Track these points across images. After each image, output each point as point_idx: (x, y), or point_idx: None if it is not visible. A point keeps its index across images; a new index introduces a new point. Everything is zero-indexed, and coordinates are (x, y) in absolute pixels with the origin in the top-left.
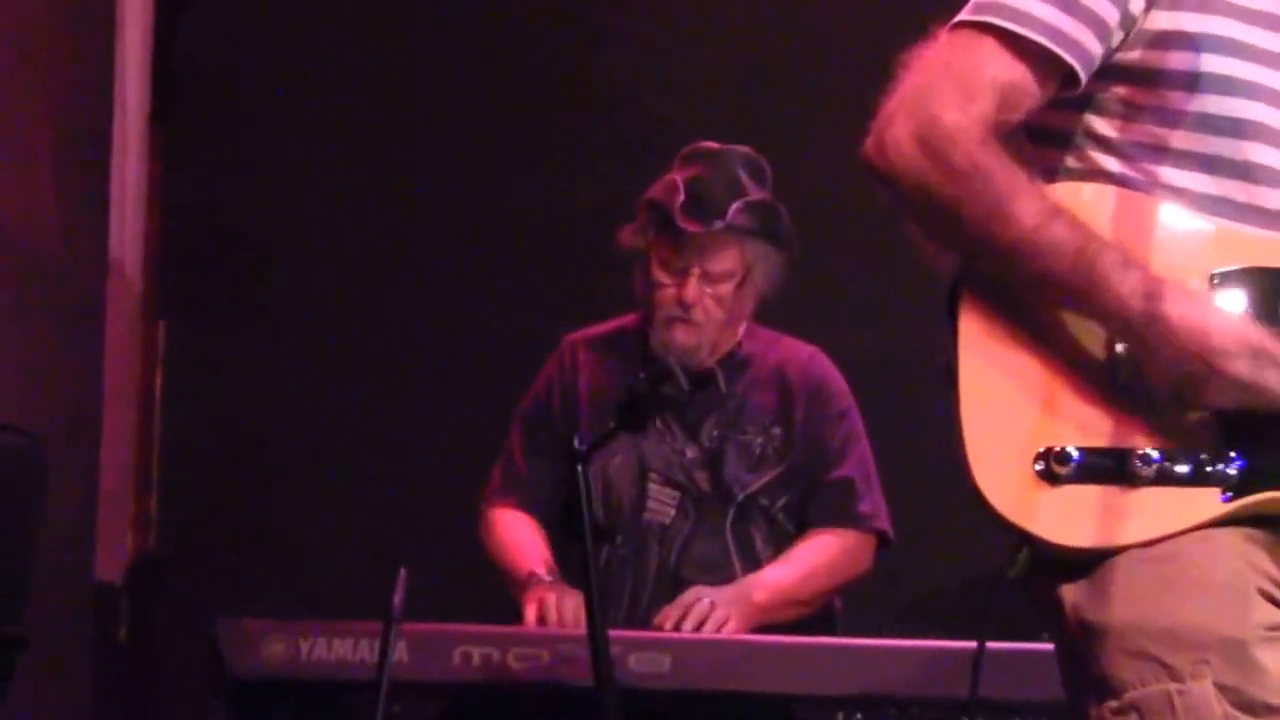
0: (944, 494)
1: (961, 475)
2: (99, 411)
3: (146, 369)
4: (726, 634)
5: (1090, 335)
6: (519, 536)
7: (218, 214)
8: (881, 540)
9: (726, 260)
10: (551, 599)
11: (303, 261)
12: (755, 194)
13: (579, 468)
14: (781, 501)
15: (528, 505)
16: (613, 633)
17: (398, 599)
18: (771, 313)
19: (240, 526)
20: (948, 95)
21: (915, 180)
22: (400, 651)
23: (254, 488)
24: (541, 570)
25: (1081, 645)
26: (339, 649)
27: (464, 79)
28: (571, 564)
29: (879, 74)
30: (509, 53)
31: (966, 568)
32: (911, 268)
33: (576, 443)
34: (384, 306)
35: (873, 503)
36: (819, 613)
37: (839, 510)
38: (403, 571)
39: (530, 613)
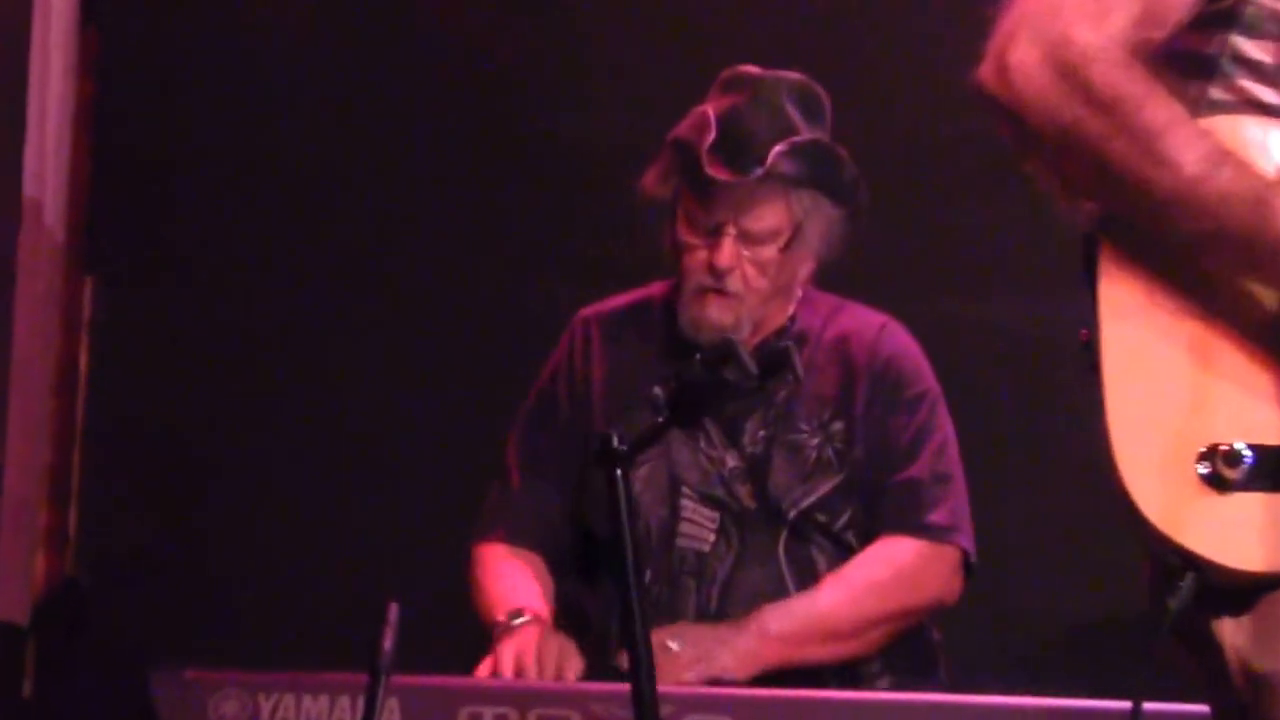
0: (1077, 506)
1: (1106, 480)
2: (4, 395)
3: (67, 339)
4: (727, 677)
5: (1264, 301)
6: (497, 578)
7: (163, 143)
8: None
9: (768, 216)
10: (507, 649)
11: (270, 206)
12: (806, 133)
13: (618, 474)
14: (845, 517)
15: (521, 536)
16: (663, 688)
17: (387, 643)
18: (837, 281)
19: (184, 548)
20: (1078, 8)
21: (1049, 113)
22: (391, 711)
23: (203, 498)
24: (504, 618)
25: (1249, 699)
26: (311, 708)
27: None
28: (586, 607)
29: None
30: None
31: (1109, 601)
32: (1017, 220)
33: (615, 441)
34: (370, 264)
35: (949, 512)
36: (907, 654)
37: (900, 517)
38: (393, 608)
39: (481, 671)
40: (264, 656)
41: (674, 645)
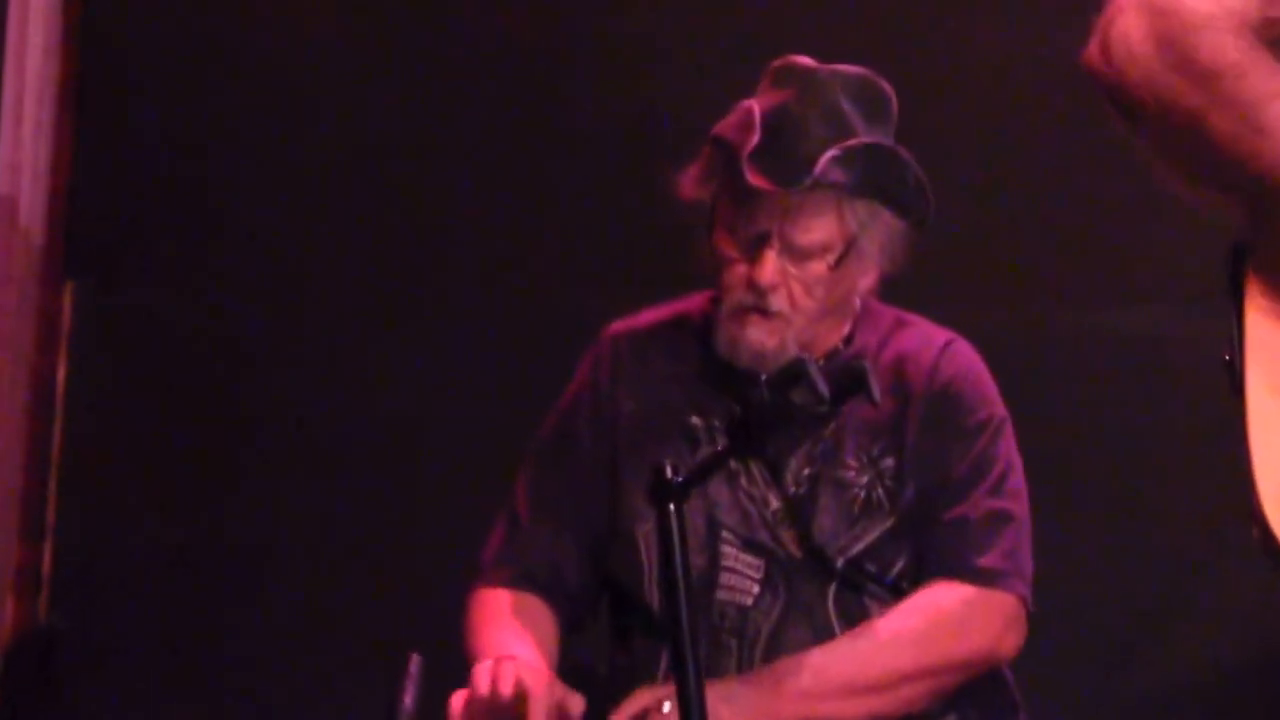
0: (1197, 539)
1: (1248, 511)
2: None
3: (44, 353)
4: None
5: None
6: (493, 625)
7: (155, 130)
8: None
9: (817, 229)
10: (481, 670)
11: (275, 203)
12: (865, 135)
13: (671, 509)
14: (899, 565)
15: (527, 582)
16: None
17: (408, 699)
18: (899, 290)
19: (174, 591)
20: None
21: (1149, 85)
22: None
23: (196, 534)
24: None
25: None
26: None
27: None
28: (615, 674)
29: None
30: None
31: (1235, 647)
32: (1105, 223)
33: (668, 472)
34: (383, 272)
35: (1004, 555)
36: (983, 701)
37: (946, 560)
38: (415, 659)
39: (455, 701)
40: (267, 713)
41: (668, 706)
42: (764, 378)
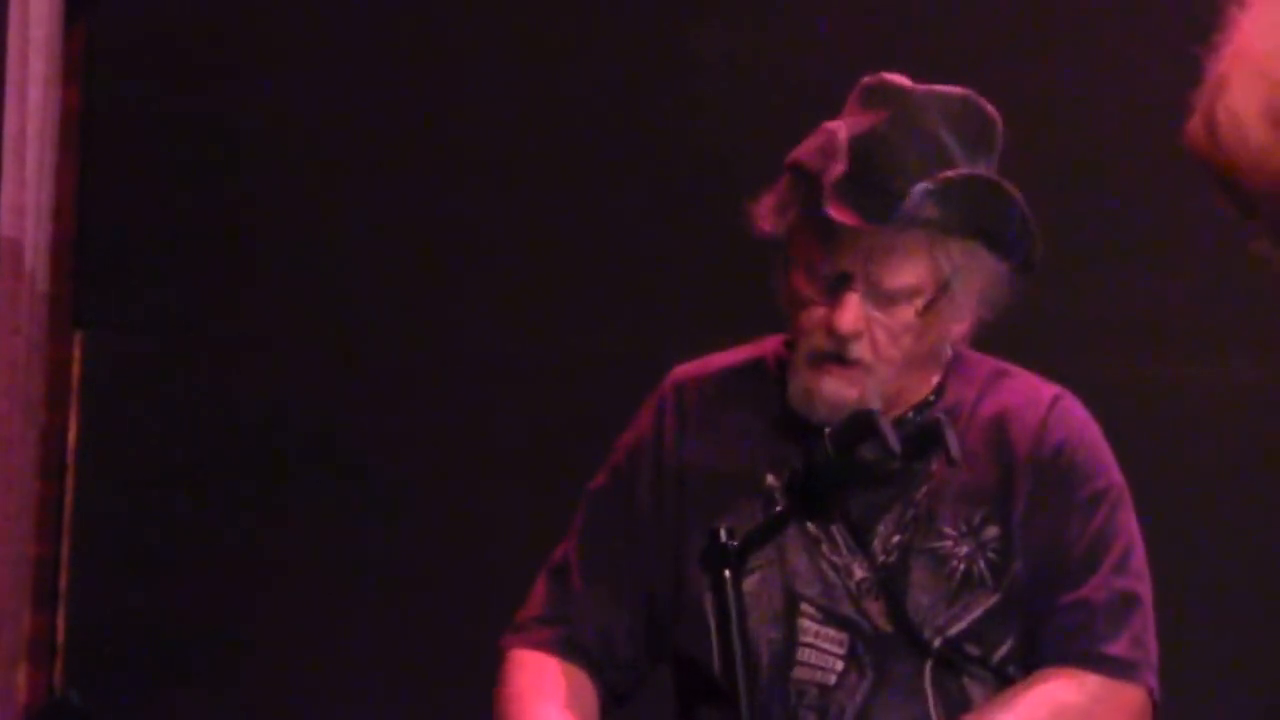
0: None
1: None
2: None
3: (54, 408)
4: None
5: None
6: (535, 702)
7: (169, 166)
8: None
9: (907, 271)
10: None
11: (298, 244)
12: (964, 165)
13: (727, 576)
14: (1005, 647)
15: (573, 648)
16: None
17: None
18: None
19: (194, 660)
20: None
21: (1270, 172)
22: None
23: (218, 600)
24: None
25: None
26: None
27: None
28: None
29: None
30: None
31: None
32: (1218, 265)
33: (723, 536)
34: (411, 313)
35: (1132, 642)
36: None
37: (1068, 647)
38: None
39: None
40: None
41: None
42: (827, 431)
